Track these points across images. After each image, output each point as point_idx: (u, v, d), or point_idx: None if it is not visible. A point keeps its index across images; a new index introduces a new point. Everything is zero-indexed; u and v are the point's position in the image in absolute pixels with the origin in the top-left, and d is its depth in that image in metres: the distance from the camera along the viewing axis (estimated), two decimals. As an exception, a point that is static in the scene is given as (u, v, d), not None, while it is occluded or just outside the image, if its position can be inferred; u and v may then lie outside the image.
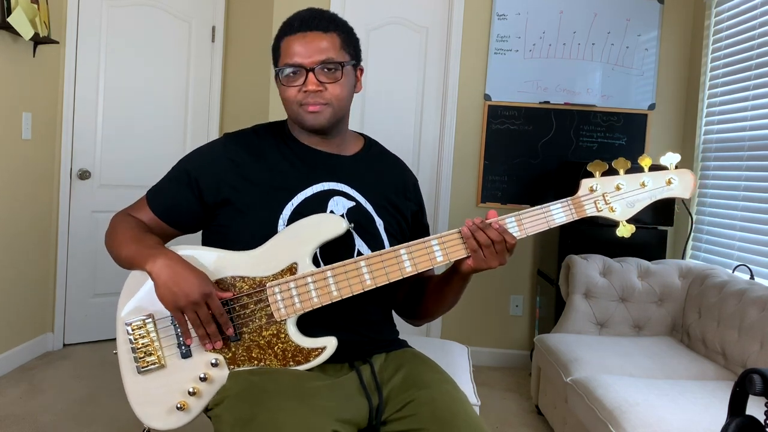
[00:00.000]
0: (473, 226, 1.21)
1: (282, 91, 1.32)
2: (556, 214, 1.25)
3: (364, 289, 1.22)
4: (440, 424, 1.17)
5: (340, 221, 1.25)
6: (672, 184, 1.27)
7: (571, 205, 1.25)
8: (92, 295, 3.48)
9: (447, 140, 3.51)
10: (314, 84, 1.27)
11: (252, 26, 3.77)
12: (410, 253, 1.23)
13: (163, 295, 1.18)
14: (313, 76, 1.27)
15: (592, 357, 2.35)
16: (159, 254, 1.21)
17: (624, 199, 1.26)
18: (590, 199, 1.26)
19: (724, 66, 3.06)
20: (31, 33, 2.82)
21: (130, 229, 1.31)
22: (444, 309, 1.41)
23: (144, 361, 1.23)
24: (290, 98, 1.30)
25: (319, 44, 1.28)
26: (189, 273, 1.18)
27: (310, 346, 1.22)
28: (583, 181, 1.26)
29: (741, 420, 1.20)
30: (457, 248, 1.23)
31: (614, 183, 1.26)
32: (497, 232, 1.20)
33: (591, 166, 1.26)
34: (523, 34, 3.46)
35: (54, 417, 2.52)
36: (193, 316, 1.17)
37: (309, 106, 1.29)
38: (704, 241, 3.10)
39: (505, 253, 1.22)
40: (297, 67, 1.28)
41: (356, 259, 1.23)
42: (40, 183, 3.21)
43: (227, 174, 1.32)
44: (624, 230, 1.26)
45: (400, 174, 1.48)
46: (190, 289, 1.16)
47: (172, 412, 1.21)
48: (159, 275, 1.18)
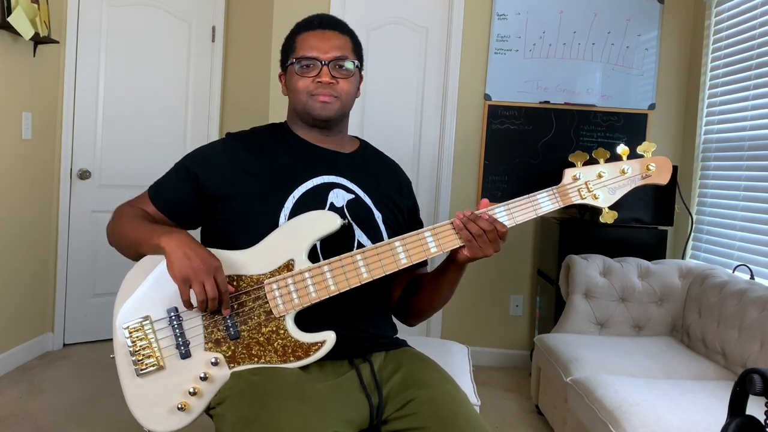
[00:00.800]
0: (464, 218, 1.24)
1: (293, 82, 1.37)
2: (543, 202, 1.29)
3: (361, 282, 1.24)
4: (441, 424, 1.17)
5: (335, 218, 1.27)
6: (650, 170, 1.31)
7: (557, 193, 1.29)
8: (92, 295, 3.48)
9: (447, 140, 3.51)
10: (328, 76, 1.34)
11: (252, 26, 3.77)
12: (405, 245, 1.25)
13: (173, 265, 1.17)
14: (327, 70, 1.34)
15: (592, 357, 2.35)
16: (174, 231, 1.23)
17: (606, 187, 1.30)
18: (574, 187, 1.30)
19: (724, 66, 3.06)
20: (31, 33, 2.82)
21: (139, 216, 1.34)
22: (440, 303, 1.43)
23: (143, 363, 1.22)
24: (301, 88, 1.36)
25: (336, 42, 1.37)
26: (201, 248, 1.20)
27: (309, 341, 1.23)
28: (567, 170, 1.31)
29: (741, 420, 1.21)
30: (450, 238, 1.26)
31: (596, 171, 1.30)
32: (488, 222, 1.23)
33: (572, 156, 1.31)
34: (523, 34, 3.46)
35: (54, 417, 2.52)
36: (200, 288, 1.17)
37: (320, 96, 1.35)
38: (704, 241, 3.10)
39: (498, 241, 1.25)
40: (313, 59, 1.35)
41: (352, 253, 1.25)
42: (40, 183, 3.21)
43: (227, 169, 1.35)
44: (607, 216, 1.30)
45: (395, 174, 1.53)
46: (202, 261, 1.17)
47: (174, 413, 1.21)
48: (173, 249, 1.18)
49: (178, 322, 1.23)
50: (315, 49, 1.35)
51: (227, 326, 1.23)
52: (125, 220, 1.33)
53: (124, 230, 1.32)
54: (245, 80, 3.81)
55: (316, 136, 1.41)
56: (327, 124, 1.40)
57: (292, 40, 1.40)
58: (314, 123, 1.40)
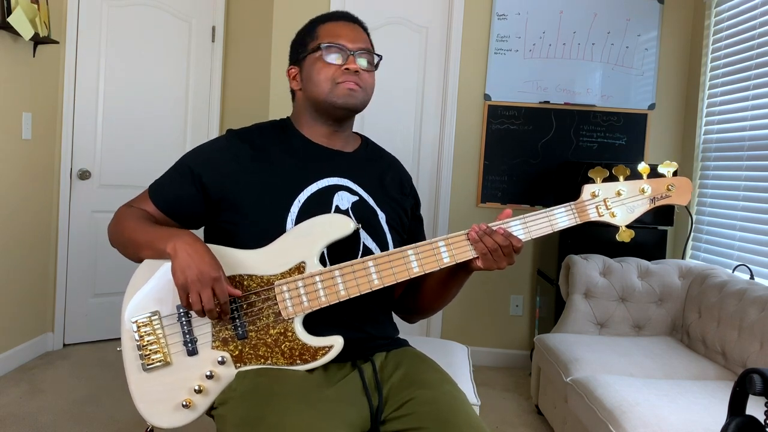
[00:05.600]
0: (480, 231, 1.23)
1: (315, 70, 1.33)
2: (560, 217, 1.28)
3: (372, 288, 1.23)
4: (441, 424, 1.17)
5: (349, 221, 1.26)
6: (670, 190, 1.30)
7: (574, 209, 1.28)
8: (92, 295, 3.48)
9: (447, 140, 3.51)
10: (356, 65, 1.32)
11: (252, 26, 3.77)
12: (417, 254, 1.24)
13: (174, 272, 1.17)
14: (353, 59, 1.33)
15: (592, 357, 2.35)
16: (180, 234, 1.21)
17: (624, 205, 1.29)
18: (592, 204, 1.29)
19: (724, 66, 3.06)
20: (31, 33, 2.82)
21: (142, 218, 1.31)
22: (443, 304, 1.43)
23: (149, 358, 1.22)
24: (326, 76, 1.32)
25: (361, 35, 1.37)
26: (204, 256, 1.17)
27: (317, 345, 1.22)
28: (585, 186, 1.30)
29: (741, 420, 1.21)
30: (464, 249, 1.25)
31: (615, 189, 1.29)
32: (503, 236, 1.23)
33: (592, 172, 1.29)
34: (523, 34, 3.46)
35: (54, 417, 2.52)
36: (196, 297, 1.16)
37: (347, 83, 1.32)
38: (704, 241, 3.10)
39: (512, 255, 1.25)
40: (341, 47, 1.32)
41: (364, 259, 1.24)
42: (40, 183, 3.21)
43: (231, 170, 1.32)
44: (624, 235, 1.29)
45: (396, 171, 1.51)
46: (201, 272, 1.15)
47: (178, 409, 1.21)
48: (176, 255, 1.17)
49: (187, 319, 1.23)
50: (343, 37, 1.33)
51: (235, 326, 1.23)
52: (126, 224, 1.31)
53: (126, 233, 1.30)
54: (245, 80, 3.81)
55: (322, 134, 1.39)
56: (347, 115, 1.37)
57: (312, 30, 1.37)
58: (334, 114, 1.35)
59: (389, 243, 1.37)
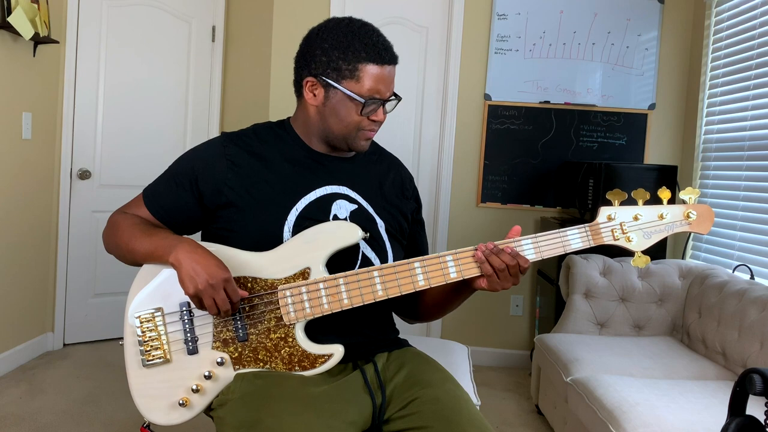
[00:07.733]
0: (486, 251, 1.21)
1: (344, 111, 1.29)
2: (573, 239, 1.24)
3: (376, 299, 1.22)
4: (444, 423, 1.17)
5: (357, 229, 1.25)
6: (690, 218, 1.26)
7: (589, 232, 1.25)
8: (92, 295, 3.48)
9: (447, 140, 3.51)
10: (384, 116, 1.32)
11: (252, 26, 3.77)
12: (424, 267, 1.22)
13: (183, 281, 1.16)
14: (382, 109, 1.31)
15: (592, 357, 2.35)
16: (179, 243, 1.20)
17: (641, 230, 1.25)
18: (608, 227, 1.25)
19: (724, 66, 3.06)
20: (31, 33, 2.82)
21: (137, 225, 1.29)
22: (444, 314, 1.42)
23: (150, 354, 1.23)
24: (354, 121, 1.30)
25: (393, 78, 1.32)
26: (209, 259, 1.17)
27: (317, 353, 1.22)
28: (602, 208, 1.26)
29: (741, 420, 1.21)
30: (471, 266, 1.23)
31: (633, 213, 1.25)
32: (510, 256, 1.20)
33: (610, 194, 1.25)
34: (523, 34, 3.46)
35: (54, 417, 2.52)
36: (210, 302, 1.16)
37: (369, 132, 1.32)
38: (704, 241, 3.10)
39: (519, 276, 1.22)
40: (379, 100, 1.29)
41: (370, 269, 1.22)
42: (40, 183, 3.21)
43: (228, 176, 1.29)
44: (639, 261, 1.25)
45: (396, 173, 1.48)
46: (210, 275, 1.15)
47: (174, 407, 1.21)
48: (181, 265, 1.17)
49: (189, 317, 1.23)
50: (383, 87, 1.28)
51: (237, 327, 1.23)
52: (122, 233, 1.29)
53: (123, 244, 1.28)
54: (245, 80, 3.81)
55: (323, 145, 1.37)
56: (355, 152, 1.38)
57: (353, 62, 1.26)
58: (342, 147, 1.35)
59: (389, 253, 1.35)
